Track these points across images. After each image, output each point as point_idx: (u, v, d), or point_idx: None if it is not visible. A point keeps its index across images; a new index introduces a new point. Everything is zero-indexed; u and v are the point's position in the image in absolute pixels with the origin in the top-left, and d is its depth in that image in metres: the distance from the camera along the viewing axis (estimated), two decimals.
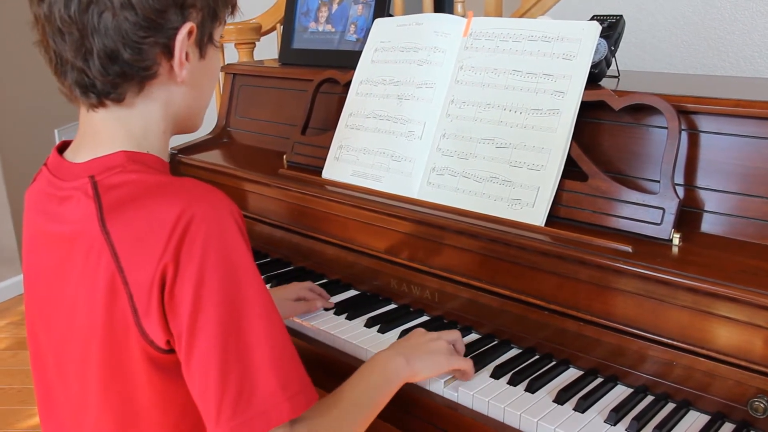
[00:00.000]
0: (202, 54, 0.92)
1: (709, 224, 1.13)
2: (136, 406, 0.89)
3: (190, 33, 0.88)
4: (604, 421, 1.02)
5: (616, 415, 1.02)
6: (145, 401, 0.88)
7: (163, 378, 0.86)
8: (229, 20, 0.99)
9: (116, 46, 0.83)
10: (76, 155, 0.92)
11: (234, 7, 0.97)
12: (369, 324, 1.31)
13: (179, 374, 0.85)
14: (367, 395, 0.98)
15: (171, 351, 0.84)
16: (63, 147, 0.97)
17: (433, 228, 1.30)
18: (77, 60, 0.84)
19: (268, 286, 1.49)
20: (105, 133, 0.90)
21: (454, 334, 1.15)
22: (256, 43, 2.38)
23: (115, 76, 0.85)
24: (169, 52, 0.87)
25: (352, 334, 1.29)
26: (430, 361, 1.07)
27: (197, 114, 0.99)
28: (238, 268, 0.82)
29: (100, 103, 0.88)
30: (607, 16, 1.36)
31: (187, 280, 0.80)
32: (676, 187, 1.12)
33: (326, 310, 1.38)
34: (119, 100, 0.88)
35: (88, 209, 0.85)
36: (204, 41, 0.91)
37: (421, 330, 1.14)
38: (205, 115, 1.02)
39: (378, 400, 0.98)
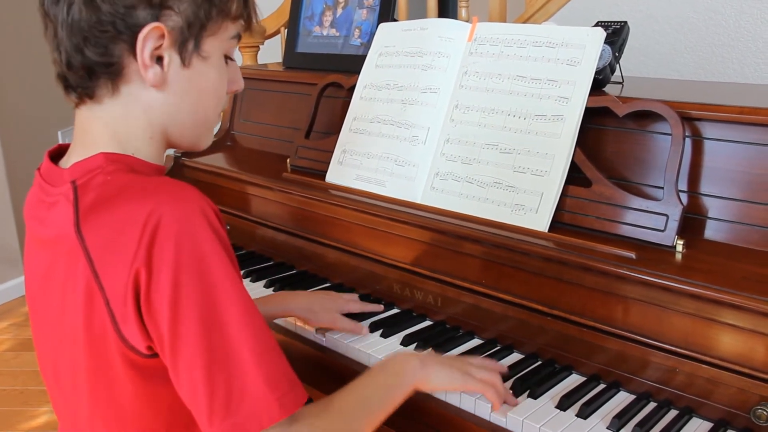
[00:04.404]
0: (184, 62, 0.87)
1: (712, 231, 1.13)
2: (124, 409, 0.88)
3: (162, 35, 0.84)
4: (607, 428, 1.02)
5: (618, 421, 1.02)
6: (133, 405, 0.87)
7: (147, 382, 0.85)
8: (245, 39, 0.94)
9: (79, 40, 0.83)
10: (69, 159, 0.91)
11: (242, 18, 0.92)
12: (372, 328, 1.31)
13: (164, 377, 0.83)
14: (375, 394, 0.96)
15: (153, 355, 0.83)
16: (60, 152, 0.96)
17: (436, 233, 1.30)
18: (55, 53, 0.86)
19: (270, 290, 1.49)
20: (92, 132, 0.90)
21: (493, 364, 1.12)
22: (260, 46, 2.38)
23: (80, 70, 0.85)
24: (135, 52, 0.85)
25: (355, 338, 1.28)
26: (445, 372, 1.04)
27: (190, 127, 0.94)
28: (212, 270, 0.80)
29: (80, 100, 0.89)
30: (611, 22, 1.36)
31: (162, 286, 0.78)
32: (680, 193, 1.12)
33: None
34: (90, 96, 0.88)
35: (67, 214, 0.84)
36: (187, 48, 0.87)
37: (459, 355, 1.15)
38: (208, 133, 0.97)
39: (387, 401, 0.96)
